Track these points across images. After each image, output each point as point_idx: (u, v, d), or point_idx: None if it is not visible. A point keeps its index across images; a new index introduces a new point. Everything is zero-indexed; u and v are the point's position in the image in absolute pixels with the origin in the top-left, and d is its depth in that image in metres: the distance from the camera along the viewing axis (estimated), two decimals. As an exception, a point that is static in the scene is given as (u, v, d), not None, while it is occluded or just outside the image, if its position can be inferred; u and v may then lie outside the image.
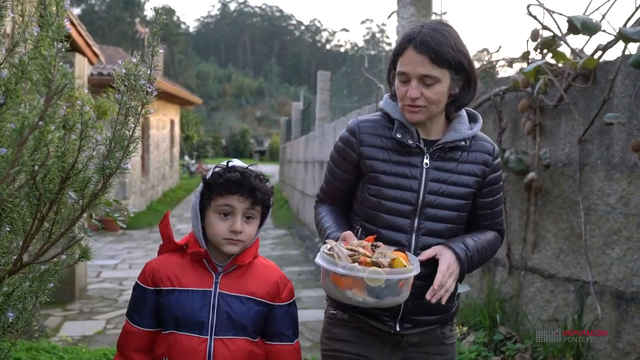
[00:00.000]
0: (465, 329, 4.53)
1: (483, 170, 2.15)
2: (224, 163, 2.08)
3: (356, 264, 1.82)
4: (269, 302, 2.09)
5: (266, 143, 56.81)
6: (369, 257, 1.87)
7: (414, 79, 2.01)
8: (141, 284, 2.07)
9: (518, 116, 4.45)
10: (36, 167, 1.30)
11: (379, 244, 1.98)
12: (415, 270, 1.88)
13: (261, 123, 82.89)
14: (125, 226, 2.34)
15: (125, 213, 2.47)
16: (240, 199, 2.00)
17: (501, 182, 2.26)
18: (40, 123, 1.19)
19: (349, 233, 2.04)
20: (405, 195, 2.09)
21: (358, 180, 2.21)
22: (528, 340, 4.14)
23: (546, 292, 4.15)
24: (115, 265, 9.28)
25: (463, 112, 2.18)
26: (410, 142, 2.09)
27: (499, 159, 2.23)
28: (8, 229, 1.70)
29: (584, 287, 3.81)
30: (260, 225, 2.13)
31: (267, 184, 2.09)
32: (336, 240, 2.03)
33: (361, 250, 1.90)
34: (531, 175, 4.12)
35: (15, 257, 1.75)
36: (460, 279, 2.12)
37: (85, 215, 1.81)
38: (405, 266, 1.86)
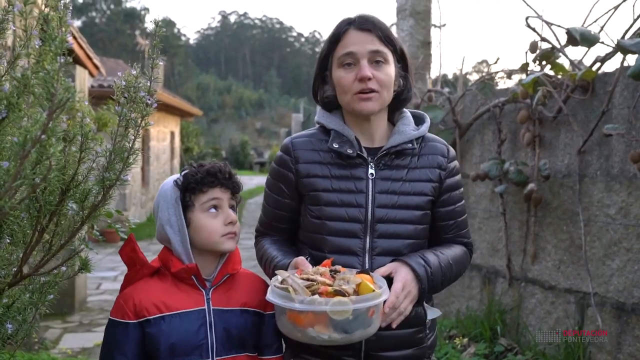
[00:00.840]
0: (465, 340, 4.52)
1: (438, 175, 1.92)
2: (183, 171, 1.97)
3: (316, 296, 1.56)
4: (261, 311, 1.95)
5: (266, 154, 56.83)
6: (329, 285, 1.61)
7: (364, 58, 1.81)
8: (120, 320, 1.85)
9: (517, 127, 4.47)
10: (37, 180, 1.30)
11: (338, 268, 1.73)
12: (385, 293, 1.64)
13: (261, 134, 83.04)
14: (126, 237, 2.27)
15: (127, 224, 2.45)
16: (222, 189, 1.91)
17: (461, 189, 2.02)
18: (43, 137, 1.20)
19: (300, 259, 1.79)
20: (352, 212, 1.85)
21: (300, 205, 1.98)
22: (529, 351, 4.13)
23: (547, 303, 4.15)
24: (115, 277, 9.26)
25: (407, 113, 1.99)
26: (349, 151, 1.86)
27: (455, 162, 1.99)
28: (8, 240, 1.70)
29: (584, 299, 3.81)
30: None
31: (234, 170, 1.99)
32: (286, 269, 1.80)
33: (319, 278, 1.64)
34: (531, 186, 4.12)
35: (15, 269, 1.75)
36: (426, 301, 1.90)
37: (85, 227, 1.81)
38: (373, 291, 1.61)
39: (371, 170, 1.87)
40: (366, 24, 1.82)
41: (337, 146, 1.87)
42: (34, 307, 1.91)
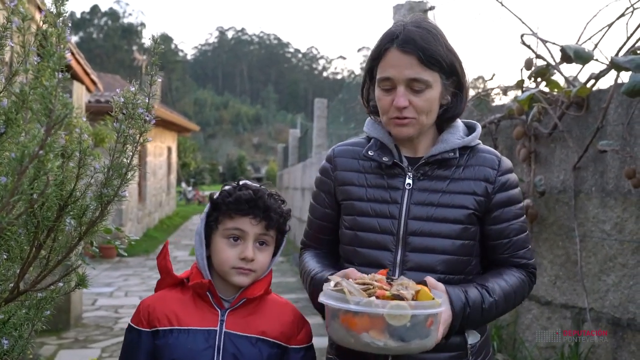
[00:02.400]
0: (462, 356, 4.51)
1: (485, 188, 1.77)
2: (239, 182, 1.86)
3: (373, 298, 1.47)
4: (283, 344, 1.81)
5: (263, 170, 56.91)
6: (386, 290, 1.52)
7: (401, 85, 1.70)
8: (135, 326, 1.81)
9: (513, 143, 4.49)
10: (35, 196, 1.31)
11: (395, 277, 1.63)
12: (445, 306, 1.55)
13: (258, 150, 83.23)
14: (125, 254, 2.25)
15: (127, 240, 2.44)
16: (253, 221, 1.77)
17: (519, 205, 1.85)
18: (41, 152, 1.21)
19: (351, 270, 1.69)
20: (384, 223, 1.76)
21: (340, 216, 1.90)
22: (525, 367, 4.12)
23: (543, 319, 4.15)
24: (111, 292, 9.23)
25: (457, 123, 1.87)
26: (385, 159, 1.79)
27: (509, 175, 1.82)
28: (5, 256, 1.70)
29: (580, 314, 3.81)
30: (275, 254, 1.87)
31: (283, 205, 1.85)
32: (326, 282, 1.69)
33: (376, 283, 1.55)
34: (526, 202, 4.14)
35: (12, 285, 1.75)
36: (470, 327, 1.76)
37: (82, 242, 1.81)
38: (433, 299, 1.52)
39: (408, 180, 1.78)
40: (407, 45, 1.68)
41: (372, 154, 1.82)
42: (30, 323, 1.91)
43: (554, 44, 4.01)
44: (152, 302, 1.82)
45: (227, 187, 1.83)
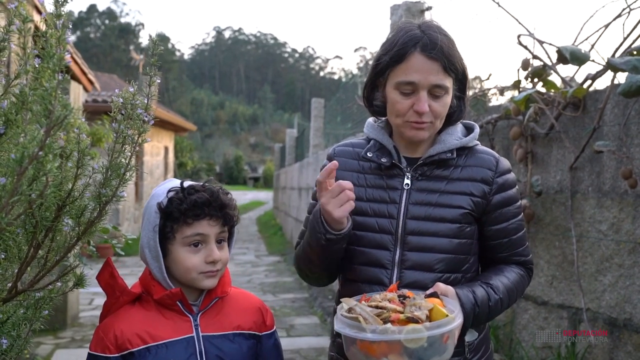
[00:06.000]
0: (459, 356, 4.51)
1: (482, 190, 1.79)
2: (175, 184, 1.77)
3: (389, 325, 1.46)
4: (257, 333, 1.84)
5: (260, 170, 56.97)
6: (400, 312, 1.51)
7: (424, 90, 1.71)
8: (100, 354, 1.69)
9: (510, 144, 4.50)
10: (34, 196, 1.31)
11: (406, 292, 1.61)
12: (459, 317, 1.54)
13: (255, 150, 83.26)
14: (123, 253, 2.23)
15: (124, 239, 2.43)
16: (212, 222, 1.72)
17: (517, 204, 1.87)
18: (40, 153, 1.22)
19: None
20: (383, 222, 1.78)
21: None
22: (522, 367, 4.13)
23: (539, 319, 4.16)
24: (108, 292, 9.20)
25: (457, 124, 1.89)
26: (383, 160, 1.82)
27: (507, 176, 1.85)
28: (3, 256, 1.70)
29: (577, 314, 3.83)
30: (229, 245, 1.83)
31: (231, 196, 1.80)
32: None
33: (389, 305, 1.54)
34: (523, 202, 4.15)
35: (10, 285, 1.75)
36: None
37: (80, 242, 1.81)
38: (447, 315, 1.50)
39: (407, 181, 1.80)
40: (434, 51, 1.69)
41: (370, 155, 1.85)
42: (28, 322, 1.91)
43: (550, 44, 4.02)
44: (117, 324, 1.73)
45: (172, 194, 1.73)
